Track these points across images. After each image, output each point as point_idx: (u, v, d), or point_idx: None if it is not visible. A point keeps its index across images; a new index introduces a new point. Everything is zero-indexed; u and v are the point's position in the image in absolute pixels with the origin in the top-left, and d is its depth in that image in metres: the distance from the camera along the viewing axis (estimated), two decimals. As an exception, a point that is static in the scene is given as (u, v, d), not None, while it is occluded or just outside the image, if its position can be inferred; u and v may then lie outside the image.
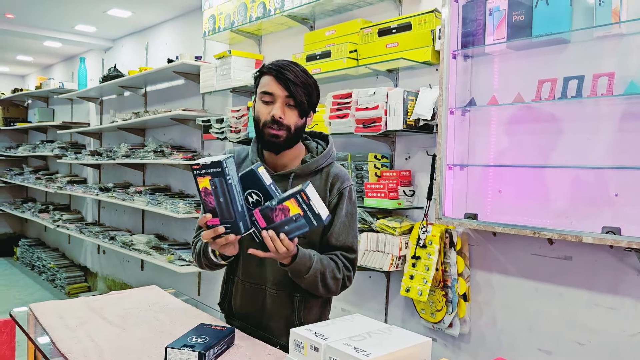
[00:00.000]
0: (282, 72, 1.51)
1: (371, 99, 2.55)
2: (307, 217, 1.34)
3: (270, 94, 1.52)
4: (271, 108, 1.52)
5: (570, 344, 2.15)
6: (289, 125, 1.53)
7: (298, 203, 1.33)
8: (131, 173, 5.28)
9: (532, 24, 2.06)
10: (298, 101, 1.51)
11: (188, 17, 4.54)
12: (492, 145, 2.31)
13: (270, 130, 1.52)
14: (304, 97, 1.53)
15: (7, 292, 5.97)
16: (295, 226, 1.35)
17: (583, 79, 1.98)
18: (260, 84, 1.56)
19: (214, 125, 3.61)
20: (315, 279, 1.50)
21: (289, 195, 1.34)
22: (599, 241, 1.86)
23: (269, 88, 1.52)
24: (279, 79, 1.50)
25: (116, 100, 5.67)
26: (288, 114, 1.53)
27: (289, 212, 1.34)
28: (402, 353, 1.04)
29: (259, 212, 1.36)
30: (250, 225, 1.38)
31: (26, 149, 7.21)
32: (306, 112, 1.57)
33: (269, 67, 1.54)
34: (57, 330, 1.51)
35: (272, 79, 1.52)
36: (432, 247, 2.41)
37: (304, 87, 1.52)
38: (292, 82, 1.50)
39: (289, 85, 1.50)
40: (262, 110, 1.54)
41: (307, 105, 1.55)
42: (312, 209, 1.33)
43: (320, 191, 1.58)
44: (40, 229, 7.57)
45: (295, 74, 1.51)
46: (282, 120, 1.51)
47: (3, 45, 6.23)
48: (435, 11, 2.45)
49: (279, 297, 1.60)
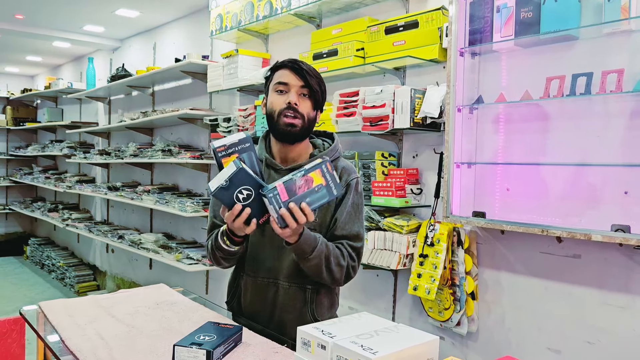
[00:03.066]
0: (298, 63, 1.56)
1: (378, 97, 2.54)
2: (329, 187, 1.37)
3: (286, 83, 1.55)
4: (286, 97, 1.55)
5: (580, 343, 2.14)
6: (304, 113, 1.56)
7: (322, 174, 1.37)
8: (139, 172, 5.30)
9: (540, 20, 2.05)
10: (313, 90, 1.56)
11: (195, 16, 4.55)
12: (500, 143, 2.30)
13: (286, 119, 1.54)
14: (318, 87, 1.58)
15: (17, 290, 6.02)
16: (317, 197, 1.38)
17: (592, 75, 1.97)
18: (274, 78, 1.59)
19: (221, 124, 3.62)
20: (319, 261, 1.50)
21: (314, 166, 1.36)
22: (608, 239, 1.85)
23: (284, 78, 1.56)
24: (294, 69, 1.55)
25: (124, 100, 5.70)
26: (302, 103, 1.56)
27: (312, 183, 1.37)
28: (409, 351, 1.04)
29: (282, 185, 1.35)
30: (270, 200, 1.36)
31: (35, 149, 7.26)
32: (319, 104, 1.60)
33: (283, 62, 1.59)
34: (66, 328, 1.52)
35: (287, 70, 1.56)
36: (439, 246, 2.40)
37: (317, 78, 1.58)
38: (307, 73, 1.55)
39: (305, 75, 1.55)
40: (276, 101, 1.57)
41: (319, 95, 1.59)
42: (335, 179, 1.38)
43: None
44: (49, 228, 7.62)
45: (308, 67, 1.57)
46: (297, 106, 1.54)
47: (13, 45, 6.28)
48: (442, 8, 2.44)
49: (291, 290, 1.61)
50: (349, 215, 1.60)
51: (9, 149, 8.11)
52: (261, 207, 1.38)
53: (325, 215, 1.61)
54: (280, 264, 1.62)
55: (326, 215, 1.61)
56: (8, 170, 8.16)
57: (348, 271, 1.59)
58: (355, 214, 1.62)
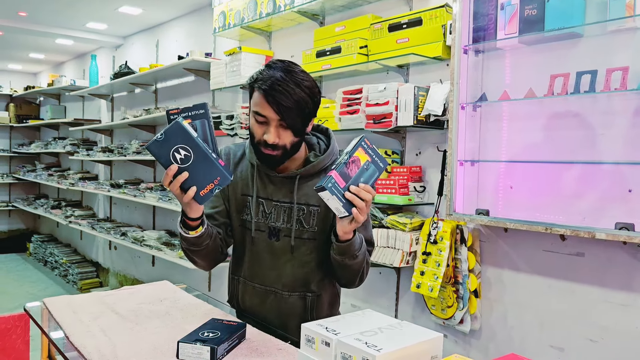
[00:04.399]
0: (273, 94, 1.38)
1: (381, 94, 2.54)
2: (375, 161, 1.35)
3: (263, 116, 1.42)
4: (264, 129, 1.44)
5: (583, 340, 2.13)
6: (284, 144, 1.45)
7: (365, 150, 1.34)
8: (142, 169, 5.31)
9: (545, 18, 2.04)
10: (289, 124, 1.42)
11: (198, 13, 4.55)
12: (504, 141, 2.30)
13: (265, 151, 1.46)
14: (298, 119, 1.42)
15: (20, 287, 6.04)
16: (369, 175, 1.35)
17: (596, 73, 1.96)
18: (253, 99, 1.45)
19: (224, 121, 3.62)
20: (363, 258, 1.50)
21: (355, 146, 1.33)
22: (612, 237, 1.85)
23: (261, 110, 1.42)
24: (269, 102, 1.39)
25: (127, 97, 5.70)
26: (282, 135, 1.44)
27: (360, 162, 1.33)
28: (413, 349, 1.04)
29: (336, 172, 1.29)
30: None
31: (38, 146, 7.28)
32: (300, 132, 1.47)
33: (259, 85, 1.41)
34: (70, 324, 1.52)
35: (263, 100, 1.41)
36: (442, 243, 2.40)
37: (297, 108, 1.40)
38: (284, 106, 1.39)
39: (281, 110, 1.39)
40: (256, 130, 1.46)
41: (300, 125, 1.45)
42: (377, 152, 1.36)
43: None
44: (52, 225, 7.64)
45: (287, 94, 1.38)
46: (276, 143, 1.44)
47: (16, 43, 6.29)
48: (446, 6, 2.44)
49: (291, 299, 1.59)
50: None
51: (12, 146, 8.13)
52: (204, 175, 1.30)
53: (324, 224, 1.56)
54: (279, 274, 1.59)
55: (325, 223, 1.56)
56: (11, 168, 8.18)
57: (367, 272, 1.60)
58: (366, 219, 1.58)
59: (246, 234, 1.62)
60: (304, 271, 1.59)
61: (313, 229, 1.56)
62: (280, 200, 1.57)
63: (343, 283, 1.62)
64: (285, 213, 1.57)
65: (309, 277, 1.59)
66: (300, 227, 1.56)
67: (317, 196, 1.52)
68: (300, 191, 1.56)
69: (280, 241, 1.58)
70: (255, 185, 1.59)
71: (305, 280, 1.59)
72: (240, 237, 1.64)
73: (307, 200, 1.56)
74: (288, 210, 1.56)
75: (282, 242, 1.58)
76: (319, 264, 1.59)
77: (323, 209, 1.55)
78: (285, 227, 1.57)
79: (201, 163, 1.30)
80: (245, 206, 1.61)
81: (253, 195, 1.59)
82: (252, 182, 1.59)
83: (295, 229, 1.56)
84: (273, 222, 1.58)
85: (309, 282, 1.59)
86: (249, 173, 1.61)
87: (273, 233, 1.59)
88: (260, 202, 1.59)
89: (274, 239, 1.58)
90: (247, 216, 1.61)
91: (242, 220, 1.63)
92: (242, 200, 1.62)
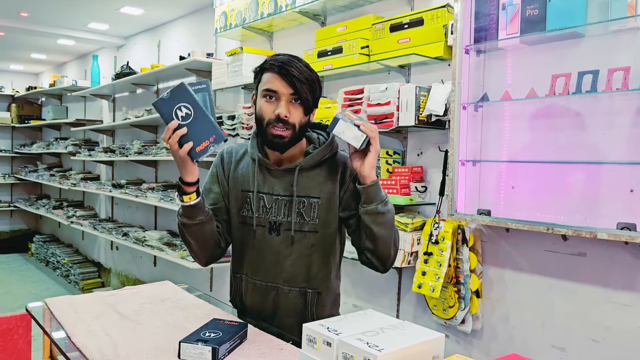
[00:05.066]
0: (286, 68, 1.45)
1: (383, 94, 2.54)
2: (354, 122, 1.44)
3: (275, 91, 1.47)
4: (275, 106, 1.48)
5: (585, 340, 2.13)
6: (294, 123, 1.49)
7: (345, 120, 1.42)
8: (144, 170, 5.31)
9: (546, 18, 2.04)
10: (303, 98, 1.48)
11: (200, 14, 4.56)
12: (505, 141, 2.30)
13: (275, 131, 1.48)
14: (309, 94, 1.48)
15: (22, 287, 6.05)
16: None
17: (598, 73, 1.96)
18: (263, 81, 1.51)
19: (225, 122, 3.62)
20: (393, 214, 1.50)
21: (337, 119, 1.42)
22: (614, 237, 1.84)
23: (272, 85, 1.47)
24: (283, 75, 1.46)
25: (129, 98, 5.71)
26: (293, 112, 1.48)
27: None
28: (415, 349, 1.04)
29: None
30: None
31: (40, 146, 7.29)
32: (310, 109, 1.53)
33: (271, 63, 1.48)
34: (72, 324, 1.52)
35: (275, 75, 1.47)
36: (444, 243, 2.40)
37: (308, 83, 1.47)
38: (297, 79, 1.45)
39: (294, 82, 1.45)
40: (265, 109, 1.49)
41: (311, 103, 1.51)
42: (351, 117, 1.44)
43: (331, 180, 1.57)
44: (54, 225, 7.65)
45: (299, 70, 1.46)
46: (287, 118, 1.47)
47: (17, 43, 6.30)
48: (447, 6, 2.44)
49: (291, 294, 1.60)
50: None
51: (14, 147, 8.14)
52: (201, 132, 1.40)
53: (327, 215, 1.57)
54: (280, 269, 1.59)
55: (328, 214, 1.57)
56: (13, 168, 8.19)
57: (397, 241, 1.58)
58: None
59: (247, 231, 1.63)
60: (304, 264, 1.59)
61: (314, 221, 1.56)
62: (281, 194, 1.58)
63: (380, 250, 1.50)
64: (285, 207, 1.57)
65: (309, 271, 1.59)
66: (301, 219, 1.56)
67: (317, 187, 1.55)
68: (301, 183, 1.56)
69: (281, 235, 1.58)
70: (256, 180, 1.59)
71: (306, 275, 1.59)
72: (241, 234, 1.65)
73: (307, 192, 1.56)
74: (288, 203, 1.57)
75: (282, 235, 1.58)
76: (320, 258, 1.59)
77: (324, 200, 1.56)
78: (285, 220, 1.57)
79: (199, 121, 1.40)
80: (246, 202, 1.62)
81: (254, 190, 1.59)
82: (253, 177, 1.60)
83: (295, 221, 1.56)
84: (274, 216, 1.58)
85: (309, 276, 1.59)
86: (250, 169, 1.63)
87: (273, 228, 1.59)
88: (260, 197, 1.59)
89: (274, 234, 1.59)
90: (248, 212, 1.61)
91: (242, 217, 1.63)
92: (242, 197, 1.63)
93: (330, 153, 1.59)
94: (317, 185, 1.57)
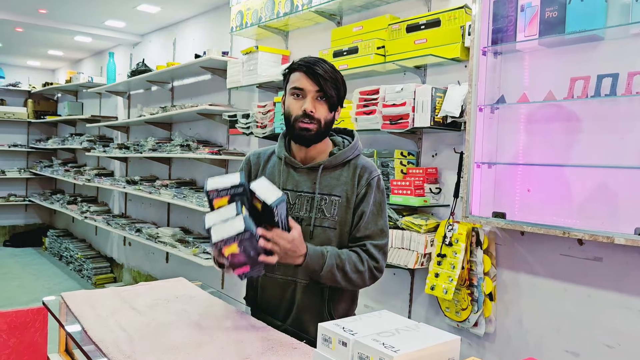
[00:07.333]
0: (312, 67, 1.56)
1: (398, 95, 2.53)
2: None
3: (301, 89, 1.57)
4: (302, 102, 1.58)
5: (599, 346, 2.11)
6: (319, 118, 1.58)
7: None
8: (157, 167, 5.35)
9: (566, 20, 2.02)
10: (328, 95, 1.57)
11: (216, 12, 4.58)
12: (521, 144, 2.28)
13: (302, 124, 1.57)
14: (333, 92, 1.58)
15: (36, 281, 6.12)
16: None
17: (617, 76, 1.94)
18: (291, 80, 1.61)
19: (240, 120, 3.63)
20: (332, 275, 1.53)
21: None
22: (631, 242, 1.82)
23: (299, 83, 1.57)
24: (309, 74, 1.56)
25: (144, 95, 5.75)
26: (318, 108, 1.58)
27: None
28: (430, 350, 1.03)
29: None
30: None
31: (56, 142, 7.36)
32: (335, 106, 1.62)
33: (299, 64, 1.59)
34: (88, 319, 1.54)
35: (302, 74, 1.57)
36: (458, 246, 2.39)
37: (332, 82, 1.57)
38: (322, 77, 1.55)
39: (319, 80, 1.55)
40: (293, 106, 1.60)
41: (335, 100, 1.60)
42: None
43: (347, 183, 1.63)
44: (68, 220, 7.72)
45: (324, 70, 1.57)
46: (312, 113, 1.56)
47: (35, 39, 6.37)
48: (465, 7, 2.43)
49: (309, 288, 1.62)
50: (371, 215, 1.62)
51: (30, 142, 8.24)
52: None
53: (345, 213, 1.62)
54: None
55: (347, 213, 1.62)
56: (28, 163, 8.28)
57: (371, 273, 1.61)
58: (378, 212, 1.64)
59: None
60: None
61: (334, 218, 1.62)
62: (304, 190, 1.64)
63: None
64: (308, 203, 1.63)
65: None
66: (322, 215, 1.62)
67: (339, 187, 1.63)
68: (323, 182, 1.63)
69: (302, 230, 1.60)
70: (281, 177, 1.66)
71: None
72: None
73: (329, 191, 1.63)
74: (310, 199, 1.63)
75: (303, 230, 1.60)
76: None
77: (344, 200, 1.62)
78: (307, 215, 1.63)
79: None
80: None
81: (279, 187, 1.64)
82: (279, 175, 1.67)
83: (316, 217, 1.61)
84: (297, 212, 1.64)
85: None
86: (276, 168, 1.70)
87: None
88: (285, 194, 1.62)
89: None
90: None
91: None
92: None
93: (353, 156, 1.66)
94: (339, 184, 1.63)
